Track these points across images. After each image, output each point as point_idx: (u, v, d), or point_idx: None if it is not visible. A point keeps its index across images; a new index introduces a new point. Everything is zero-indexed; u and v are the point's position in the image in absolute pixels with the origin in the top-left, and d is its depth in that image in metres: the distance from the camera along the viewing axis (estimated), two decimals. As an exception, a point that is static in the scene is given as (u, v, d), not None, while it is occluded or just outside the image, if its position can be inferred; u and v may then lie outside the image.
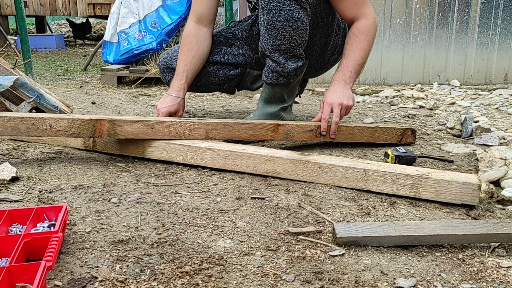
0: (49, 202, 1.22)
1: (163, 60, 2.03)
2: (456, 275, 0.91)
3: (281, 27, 1.69)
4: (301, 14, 1.68)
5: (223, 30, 2.08)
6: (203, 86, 2.04)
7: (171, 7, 3.58)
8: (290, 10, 1.67)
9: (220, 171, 1.48)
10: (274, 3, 1.67)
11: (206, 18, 1.94)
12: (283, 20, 1.68)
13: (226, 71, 2.01)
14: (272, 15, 1.68)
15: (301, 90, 2.27)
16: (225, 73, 2.01)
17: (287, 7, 1.67)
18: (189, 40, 1.92)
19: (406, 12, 3.38)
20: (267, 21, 1.70)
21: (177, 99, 1.85)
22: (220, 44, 2.02)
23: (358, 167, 1.32)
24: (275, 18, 1.68)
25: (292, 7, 1.67)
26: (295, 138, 1.69)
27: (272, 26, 1.69)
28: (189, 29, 1.94)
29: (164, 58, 2.03)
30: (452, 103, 2.75)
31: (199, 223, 1.11)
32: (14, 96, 1.89)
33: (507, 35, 3.40)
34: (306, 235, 1.06)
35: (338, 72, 1.75)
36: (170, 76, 2.00)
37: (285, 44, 1.71)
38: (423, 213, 1.20)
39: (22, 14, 3.55)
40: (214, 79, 2.01)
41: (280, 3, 1.66)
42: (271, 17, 1.69)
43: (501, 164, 1.47)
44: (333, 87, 1.72)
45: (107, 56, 3.72)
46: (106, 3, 7.58)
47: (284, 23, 1.68)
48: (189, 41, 1.91)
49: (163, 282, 0.86)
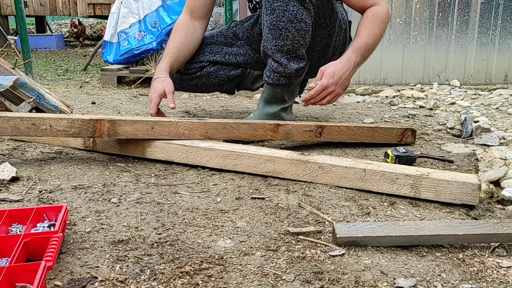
0: (49, 202, 1.22)
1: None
2: (456, 275, 0.91)
3: (285, 27, 1.68)
4: (305, 15, 1.68)
5: (224, 30, 2.08)
6: (204, 87, 2.04)
7: (171, 7, 3.58)
8: (294, 11, 1.67)
9: (220, 171, 1.48)
10: (278, 3, 1.67)
11: (199, 14, 1.95)
12: (287, 20, 1.67)
13: (227, 72, 2.01)
14: (276, 15, 1.68)
15: (301, 90, 2.27)
16: (225, 73, 2.01)
17: (291, 8, 1.66)
18: (178, 28, 1.93)
19: (406, 12, 3.38)
20: (270, 21, 1.70)
21: (160, 80, 1.80)
22: (221, 44, 2.02)
23: (358, 167, 1.32)
24: (278, 19, 1.68)
25: (296, 8, 1.67)
26: (295, 138, 1.69)
27: (276, 26, 1.69)
28: (180, 19, 1.96)
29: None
30: (452, 103, 2.75)
31: (199, 223, 1.11)
32: (14, 96, 1.89)
33: (507, 35, 3.40)
34: (306, 235, 1.06)
35: (348, 51, 1.72)
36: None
37: (288, 44, 1.71)
38: (423, 213, 1.20)
39: (22, 14, 3.55)
40: (214, 79, 2.01)
41: (284, 3, 1.66)
42: (275, 17, 1.68)
43: (501, 164, 1.47)
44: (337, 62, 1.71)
45: (107, 56, 3.72)
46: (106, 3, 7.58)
47: (288, 24, 1.68)
48: (178, 30, 1.92)
49: (163, 282, 0.86)
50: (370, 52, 1.75)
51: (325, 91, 1.68)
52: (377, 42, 1.75)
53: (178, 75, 1.99)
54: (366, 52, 1.72)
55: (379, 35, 1.73)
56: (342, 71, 1.67)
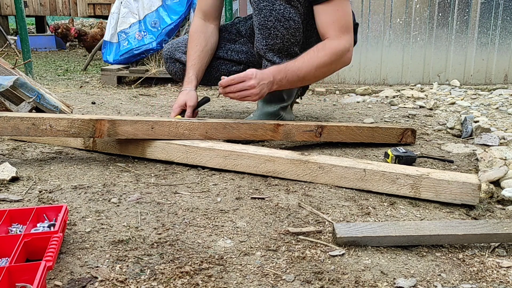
0: (49, 202, 1.22)
1: (167, 50, 2.06)
2: (456, 275, 0.91)
3: (273, 26, 1.69)
4: (292, 13, 1.68)
5: (228, 26, 2.09)
6: (205, 79, 2.06)
7: (171, 7, 3.58)
8: (281, 10, 1.67)
9: (220, 171, 1.48)
10: (264, 3, 1.68)
11: (212, 15, 1.97)
12: (274, 19, 1.68)
13: (229, 67, 2.03)
14: (263, 15, 1.69)
15: (303, 92, 2.28)
16: (227, 68, 2.02)
17: (277, 7, 1.67)
18: (197, 35, 1.94)
19: (406, 12, 3.38)
20: (259, 21, 1.71)
21: (185, 92, 1.86)
22: (224, 40, 2.04)
23: (358, 167, 1.32)
24: (266, 18, 1.69)
25: (283, 6, 1.67)
26: (295, 138, 1.69)
27: (264, 26, 1.70)
28: (196, 25, 1.97)
29: (168, 48, 2.07)
30: (452, 103, 2.75)
31: (199, 223, 1.11)
32: (14, 96, 1.89)
33: (507, 35, 3.40)
34: (306, 235, 1.06)
35: (278, 67, 1.64)
36: (172, 66, 2.04)
37: (278, 43, 1.72)
38: (423, 213, 1.20)
39: (22, 14, 3.56)
40: (216, 73, 2.02)
41: (270, 3, 1.67)
42: (262, 17, 1.70)
43: (501, 164, 1.47)
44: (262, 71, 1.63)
45: (107, 56, 3.72)
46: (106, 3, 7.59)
47: (276, 23, 1.68)
48: (197, 37, 1.94)
49: (163, 282, 0.86)
50: (299, 79, 1.66)
51: (244, 82, 1.59)
52: (315, 73, 1.66)
53: (181, 65, 2.01)
54: (292, 77, 1.64)
55: (319, 66, 1.64)
56: (263, 75, 1.61)
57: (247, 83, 1.59)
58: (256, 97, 1.61)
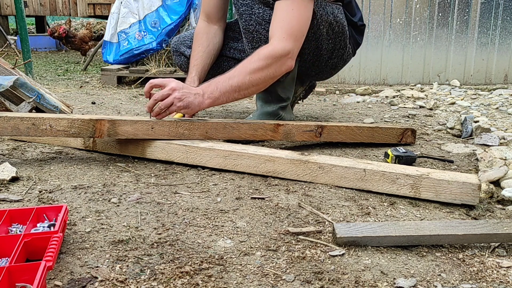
0: (49, 202, 1.22)
1: (174, 43, 2.12)
2: (456, 275, 0.91)
3: (255, 30, 1.71)
4: (272, 14, 1.67)
5: (232, 24, 2.09)
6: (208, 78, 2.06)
7: (171, 7, 3.58)
8: (260, 13, 1.68)
9: (220, 171, 1.48)
10: (243, 8, 1.70)
11: (215, 16, 1.98)
12: (255, 23, 1.70)
13: (230, 64, 2.03)
14: (244, 19, 1.71)
15: (306, 95, 2.28)
16: (229, 65, 2.03)
17: (256, 10, 1.68)
18: (200, 36, 1.97)
19: (406, 12, 3.38)
20: (242, 26, 1.74)
21: None
22: (228, 38, 2.06)
23: (358, 167, 1.32)
24: (247, 22, 1.71)
25: (262, 10, 1.68)
26: (295, 138, 1.69)
27: (247, 30, 1.72)
28: (199, 27, 1.99)
29: (174, 42, 2.12)
30: (452, 103, 2.75)
31: (199, 223, 1.11)
32: (14, 96, 1.89)
33: (507, 35, 3.40)
34: (306, 235, 1.06)
35: (208, 81, 1.60)
36: (178, 59, 2.10)
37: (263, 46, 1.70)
38: (423, 213, 1.20)
39: (22, 14, 3.55)
40: (218, 69, 2.02)
41: (249, 7, 1.69)
42: (244, 22, 1.72)
43: (501, 164, 1.47)
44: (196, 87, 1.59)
45: (107, 56, 3.72)
46: (106, 3, 7.58)
47: (257, 26, 1.70)
48: (199, 38, 1.96)
49: (163, 282, 0.86)
50: (233, 88, 1.56)
51: (164, 89, 1.52)
52: (250, 79, 1.55)
53: (186, 59, 2.03)
54: (225, 87, 1.56)
55: (253, 71, 1.55)
56: (188, 87, 1.56)
57: (167, 88, 1.51)
58: (179, 102, 1.51)
